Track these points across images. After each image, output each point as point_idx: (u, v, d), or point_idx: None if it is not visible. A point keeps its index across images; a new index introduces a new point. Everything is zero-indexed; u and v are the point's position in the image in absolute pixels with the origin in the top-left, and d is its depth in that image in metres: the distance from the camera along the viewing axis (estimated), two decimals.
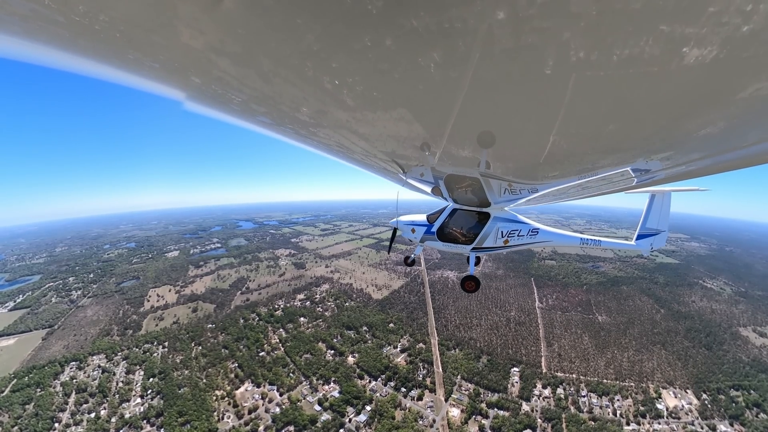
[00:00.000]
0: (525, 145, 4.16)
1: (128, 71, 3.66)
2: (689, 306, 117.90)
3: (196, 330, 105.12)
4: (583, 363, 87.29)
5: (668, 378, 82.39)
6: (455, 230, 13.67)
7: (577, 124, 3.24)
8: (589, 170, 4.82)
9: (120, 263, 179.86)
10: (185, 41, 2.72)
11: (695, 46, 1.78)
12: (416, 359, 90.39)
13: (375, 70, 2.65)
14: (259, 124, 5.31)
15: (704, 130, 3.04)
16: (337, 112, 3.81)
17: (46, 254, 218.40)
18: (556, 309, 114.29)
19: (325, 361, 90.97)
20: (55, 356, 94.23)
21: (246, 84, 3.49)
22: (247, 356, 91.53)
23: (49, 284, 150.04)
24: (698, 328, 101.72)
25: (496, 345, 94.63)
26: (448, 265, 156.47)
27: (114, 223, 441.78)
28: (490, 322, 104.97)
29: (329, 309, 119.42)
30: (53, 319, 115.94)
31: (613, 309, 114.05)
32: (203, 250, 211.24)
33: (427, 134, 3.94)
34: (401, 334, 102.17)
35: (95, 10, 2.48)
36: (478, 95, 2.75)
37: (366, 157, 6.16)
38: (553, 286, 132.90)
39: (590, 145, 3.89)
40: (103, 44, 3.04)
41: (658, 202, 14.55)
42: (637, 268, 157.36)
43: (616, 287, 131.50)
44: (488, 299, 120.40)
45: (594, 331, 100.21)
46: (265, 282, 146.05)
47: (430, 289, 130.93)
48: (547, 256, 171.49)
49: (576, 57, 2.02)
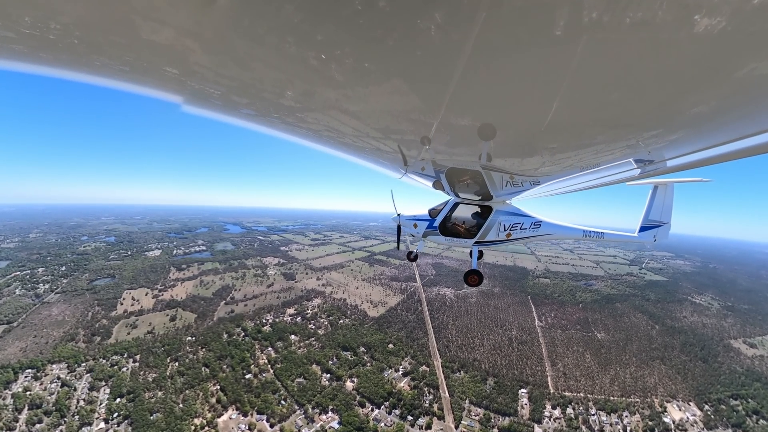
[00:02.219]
0: (527, 136, 4.10)
1: (100, 76, 3.48)
2: (682, 321, 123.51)
3: (173, 343, 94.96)
4: (588, 381, 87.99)
5: (671, 391, 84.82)
6: (457, 224, 13.62)
7: (582, 112, 3.17)
8: (592, 162, 4.75)
9: (96, 258, 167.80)
10: (146, 37, 2.55)
11: (707, 14, 1.77)
12: (420, 383, 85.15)
13: (367, 38, 2.43)
14: (243, 117, 5.03)
15: (709, 108, 2.91)
16: (325, 92, 3.51)
17: (18, 239, 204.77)
18: (555, 327, 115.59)
19: (321, 386, 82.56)
20: (9, 360, 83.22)
21: (222, 74, 3.26)
22: (231, 378, 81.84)
23: (16, 273, 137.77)
24: (693, 342, 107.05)
25: (501, 366, 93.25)
26: (444, 282, 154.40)
27: (96, 213, 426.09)
28: (492, 341, 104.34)
29: (322, 326, 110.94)
30: (13, 314, 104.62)
31: (611, 326, 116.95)
32: (187, 251, 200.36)
33: (424, 105, 3.57)
34: (402, 356, 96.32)
35: (44, 19, 2.42)
36: (481, 61, 2.50)
37: (358, 139, 5.57)
38: (550, 305, 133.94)
39: (594, 135, 3.84)
40: (66, 54, 2.95)
41: (660, 193, 14.43)
42: (629, 286, 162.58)
43: (611, 305, 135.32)
44: (488, 318, 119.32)
45: (595, 349, 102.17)
46: (252, 292, 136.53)
47: (428, 307, 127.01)
48: (541, 274, 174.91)
49: (588, 26, 1.97)
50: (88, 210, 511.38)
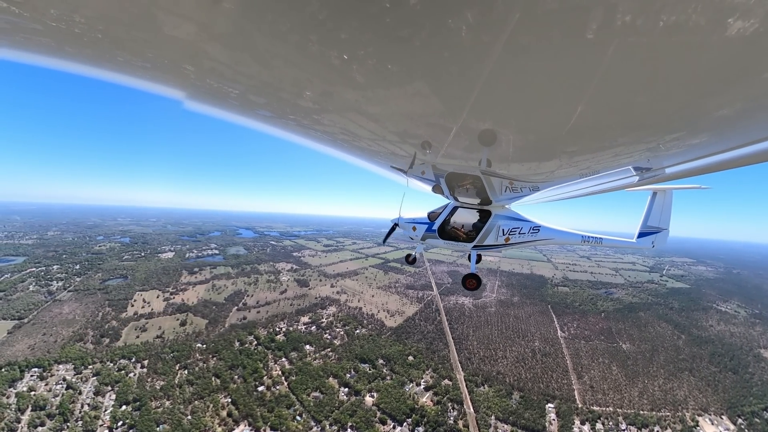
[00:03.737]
0: (527, 143, 4.02)
1: (122, 73, 3.49)
2: (708, 330, 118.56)
3: (182, 349, 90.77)
4: (616, 394, 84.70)
5: (702, 405, 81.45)
6: (456, 228, 13.63)
7: (589, 117, 3.11)
8: (592, 169, 4.73)
9: (110, 258, 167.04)
10: (169, 32, 2.53)
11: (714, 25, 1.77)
12: (444, 398, 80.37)
13: (393, 37, 2.31)
14: (259, 119, 5.07)
15: (708, 116, 2.92)
16: (344, 92, 3.38)
17: (36, 236, 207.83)
18: (579, 338, 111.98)
19: (339, 401, 77.15)
20: (17, 357, 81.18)
21: (241, 72, 3.21)
22: (243, 390, 76.80)
23: (31, 269, 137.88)
24: (721, 353, 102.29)
25: (525, 379, 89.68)
26: (461, 291, 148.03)
27: (112, 214, 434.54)
28: (515, 353, 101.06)
29: (338, 336, 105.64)
30: (25, 310, 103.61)
31: (636, 336, 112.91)
32: (199, 255, 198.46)
33: (446, 109, 3.43)
34: (423, 369, 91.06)
35: (68, 11, 2.41)
36: (509, 63, 2.43)
37: (373, 143, 5.62)
38: (571, 314, 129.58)
39: (596, 143, 3.80)
40: (90, 48, 2.96)
41: (659, 199, 14.36)
42: (651, 294, 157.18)
43: (634, 314, 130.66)
44: (509, 328, 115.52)
45: (621, 360, 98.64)
46: (265, 299, 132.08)
47: (447, 317, 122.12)
48: (559, 282, 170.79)
49: (601, 32, 1.98)
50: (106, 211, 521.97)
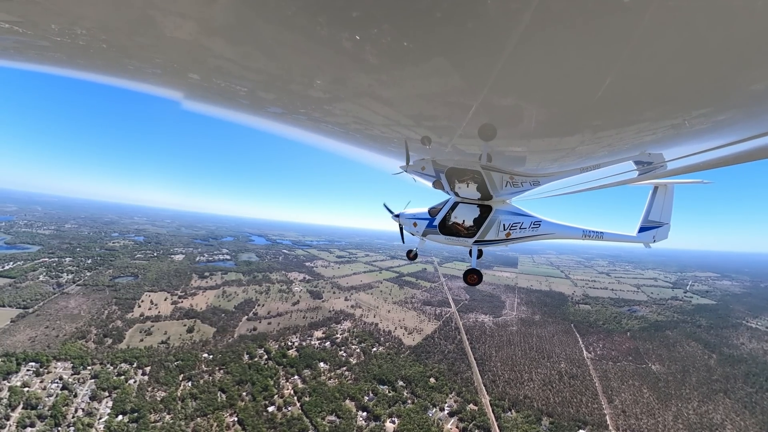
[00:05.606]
0: (527, 137, 3.87)
1: (134, 80, 3.44)
2: (740, 349, 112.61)
3: (187, 358, 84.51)
4: (650, 419, 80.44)
5: (740, 429, 76.84)
6: (457, 224, 13.51)
7: (593, 109, 3.06)
8: (592, 163, 4.65)
9: (122, 255, 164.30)
10: (170, 34, 2.47)
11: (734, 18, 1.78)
12: (470, 425, 75.38)
13: (410, 10, 2.12)
14: (270, 117, 4.94)
15: (709, 110, 2.92)
16: (357, 77, 3.13)
17: (54, 227, 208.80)
18: (606, 359, 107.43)
19: (357, 426, 70.36)
20: (16, 348, 77.30)
21: (248, 67, 3.11)
22: (251, 409, 69.66)
23: (44, 259, 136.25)
24: (756, 372, 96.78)
25: (554, 404, 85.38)
26: (481, 308, 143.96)
27: (129, 213, 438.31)
28: (541, 375, 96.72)
29: (354, 354, 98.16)
30: (32, 299, 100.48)
31: (665, 356, 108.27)
32: (210, 259, 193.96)
33: (466, 85, 3.10)
34: (446, 392, 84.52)
35: (68, 24, 2.39)
36: (537, 31, 2.24)
37: (387, 129, 5.36)
38: (596, 333, 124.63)
39: (596, 138, 3.74)
40: (99, 59, 2.99)
41: (660, 194, 14.29)
42: (676, 311, 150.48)
43: (661, 332, 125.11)
44: (532, 349, 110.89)
45: (651, 383, 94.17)
46: (277, 309, 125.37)
47: (467, 336, 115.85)
48: (580, 299, 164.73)
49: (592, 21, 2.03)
50: (123, 209, 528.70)
